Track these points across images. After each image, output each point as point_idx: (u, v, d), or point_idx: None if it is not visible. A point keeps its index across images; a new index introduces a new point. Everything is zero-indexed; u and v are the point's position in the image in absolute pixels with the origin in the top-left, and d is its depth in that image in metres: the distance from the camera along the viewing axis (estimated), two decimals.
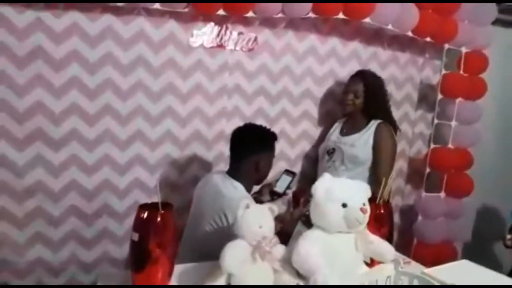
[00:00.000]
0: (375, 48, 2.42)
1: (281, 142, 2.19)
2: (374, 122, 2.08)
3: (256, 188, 1.83)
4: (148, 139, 1.96)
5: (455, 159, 2.47)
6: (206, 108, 2.07)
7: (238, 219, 1.13)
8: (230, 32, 2.04)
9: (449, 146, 2.49)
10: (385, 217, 1.31)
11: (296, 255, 1.11)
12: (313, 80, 2.29)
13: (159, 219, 1.06)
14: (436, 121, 2.51)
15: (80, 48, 1.79)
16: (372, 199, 1.24)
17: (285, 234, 1.58)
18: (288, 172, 1.90)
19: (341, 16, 2.02)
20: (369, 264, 1.21)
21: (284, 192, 1.80)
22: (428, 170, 2.49)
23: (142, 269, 1.06)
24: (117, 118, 1.89)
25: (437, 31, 2.26)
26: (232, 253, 1.09)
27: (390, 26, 2.15)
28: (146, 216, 1.06)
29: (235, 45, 2.07)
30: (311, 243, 1.13)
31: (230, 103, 2.12)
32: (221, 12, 1.85)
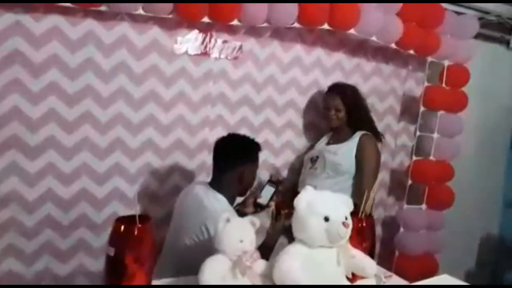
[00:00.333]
0: (359, 60, 2.44)
1: (265, 152, 2.18)
2: (359, 133, 2.10)
3: (240, 199, 1.81)
4: (128, 148, 1.92)
5: (437, 171, 2.49)
6: (189, 117, 2.04)
7: (218, 233, 1.11)
8: (215, 40, 2.02)
9: (431, 158, 2.51)
10: (367, 231, 1.30)
11: (277, 271, 1.09)
12: (298, 90, 2.30)
13: (136, 233, 1.03)
14: (419, 133, 2.53)
15: (60, 53, 1.74)
16: (355, 211, 1.23)
17: (268, 247, 1.57)
18: (271, 183, 1.88)
19: (326, 27, 2.03)
20: (351, 279, 1.20)
21: (268, 204, 1.78)
22: (410, 182, 2.51)
23: (118, 285, 1.02)
24: (97, 126, 1.85)
25: (420, 44, 2.29)
26: (212, 269, 1.07)
27: (374, 38, 2.17)
28: (123, 230, 1.03)
29: (220, 53, 2.05)
30: (293, 258, 1.11)
31: (214, 112, 2.10)
32: (206, 20, 1.83)
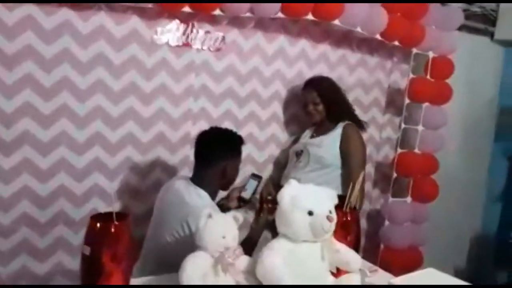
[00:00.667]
0: (344, 51, 2.42)
1: (249, 146, 2.15)
2: (341, 124, 2.09)
3: (223, 194, 1.77)
4: (108, 143, 1.86)
5: (422, 164, 2.49)
6: (171, 110, 1.99)
7: (200, 229, 1.08)
8: (197, 31, 1.97)
9: (416, 151, 2.51)
10: (352, 225, 1.27)
11: (260, 267, 1.06)
12: (282, 83, 2.26)
13: (113, 231, 0.98)
14: (403, 126, 2.53)
15: (35, 44, 1.67)
16: (340, 204, 1.21)
17: (251, 242, 1.54)
18: (255, 176, 1.86)
19: (310, 17, 2.00)
20: (336, 274, 1.18)
21: (251, 199, 1.75)
22: (395, 175, 2.50)
23: (94, 285, 0.98)
24: (74, 120, 1.79)
25: (405, 35, 2.27)
26: (193, 266, 1.04)
27: (359, 29, 2.15)
28: (99, 228, 0.98)
29: (202, 45, 2.00)
30: (276, 253, 1.08)
31: (196, 105, 2.05)
32: (187, 9, 1.78)
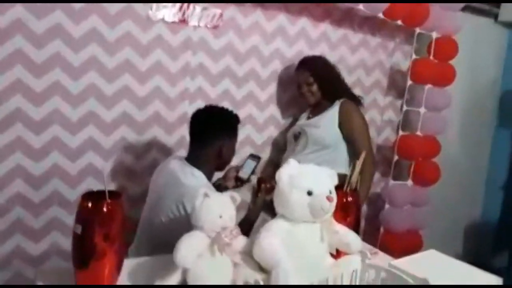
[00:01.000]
0: (345, 31, 2.36)
1: (248, 127, 2.11)
2: (338, 102, 2.05)
3: (219, 174, 1.74)
4: (102, 122, 1.83)
5: (423, 147, 2.45)
6: (167, 89, 1.94)
7: (196, 209, 1.05)
8: (193, 7, 1.91)
9: (418, 133, 2.47)
10: (352, 206, 1.24)
11: (257, 248, 1.04)
12: (282, 62, 2.21)
13: (106, 209, 0.95)
14: (405, 108, 2.48)
15: (25, 18, 1.62)
16: (341, 185, 1.18)
17: (249, 222, 1.52)
18: (253, 157, 1.82)
19: None
20: (335, 256, 1.15)
21: (249, 178, 1.72)
22: (396, 158, 2.47)
23: (86, 265, 0.95)
24: (67, 98, 1.74)
25: (408, 14, 2.21)
26: (188, 246, 1.00)
27: (361, 7, 2.08)
28: (91, 206, 0.95)
29: (199, 21, 1.94)
30: (274, 234, 1.05)
31: (193, 84, 2.00)
32: None
